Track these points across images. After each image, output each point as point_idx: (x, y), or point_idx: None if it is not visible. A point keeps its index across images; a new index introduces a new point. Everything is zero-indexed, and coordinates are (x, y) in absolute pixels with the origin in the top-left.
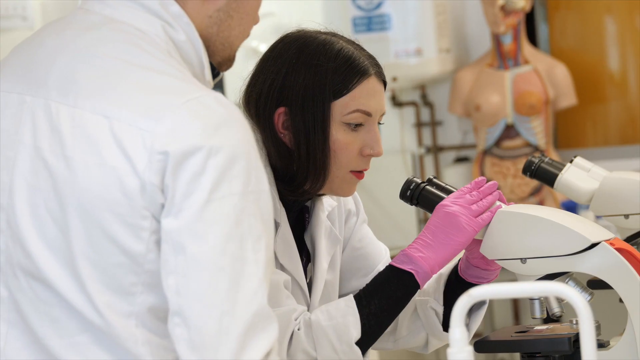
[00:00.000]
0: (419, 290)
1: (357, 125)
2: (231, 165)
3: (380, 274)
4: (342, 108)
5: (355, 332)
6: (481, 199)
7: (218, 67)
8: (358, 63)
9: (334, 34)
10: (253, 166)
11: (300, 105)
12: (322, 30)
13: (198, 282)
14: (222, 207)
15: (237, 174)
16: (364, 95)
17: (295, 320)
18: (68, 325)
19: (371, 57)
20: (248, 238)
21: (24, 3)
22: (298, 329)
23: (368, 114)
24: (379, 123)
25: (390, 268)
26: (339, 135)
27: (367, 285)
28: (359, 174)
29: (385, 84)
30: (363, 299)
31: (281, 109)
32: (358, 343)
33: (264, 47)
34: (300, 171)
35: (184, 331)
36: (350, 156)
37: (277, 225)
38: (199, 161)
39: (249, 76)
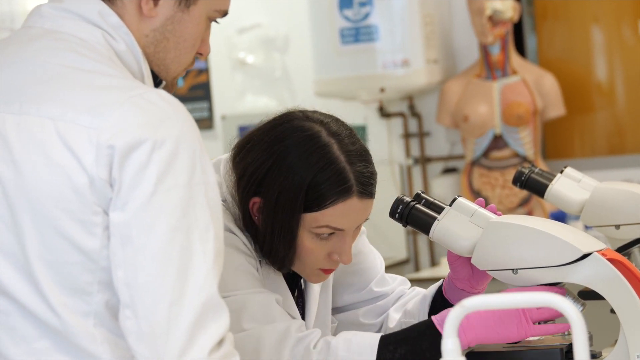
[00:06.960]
0: (403, 310)
1: (330, 234)
2: (176, 157)
3: (419, 325)
4: (311, 220)
5: None
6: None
7: None
8: (342, 183)
9: (338, 135)
10: (198, 158)
11: (273, 205)
12: (330, 126)
13: (146, 273)
14: (168, 199)
15: (182, 165)
16: (337, 214)
17: (301, 333)
18: (25, 333)
19: (363, 174)
20: (195, 229)
21: (11, 16)
22: (313, 347)
23: (339, 230)
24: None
25: (429, 324)
26: (306, 242)
27: (401, 330)
28: (326, 270)
29: (372, 195)
30: (390, 344)
31: (257, 199)
32: None
33: (251, 58)
34: (265, 255)
35: (134, 323)
36: (317, 260)
37: None
38: (144, 154)
39: (245, 141)
